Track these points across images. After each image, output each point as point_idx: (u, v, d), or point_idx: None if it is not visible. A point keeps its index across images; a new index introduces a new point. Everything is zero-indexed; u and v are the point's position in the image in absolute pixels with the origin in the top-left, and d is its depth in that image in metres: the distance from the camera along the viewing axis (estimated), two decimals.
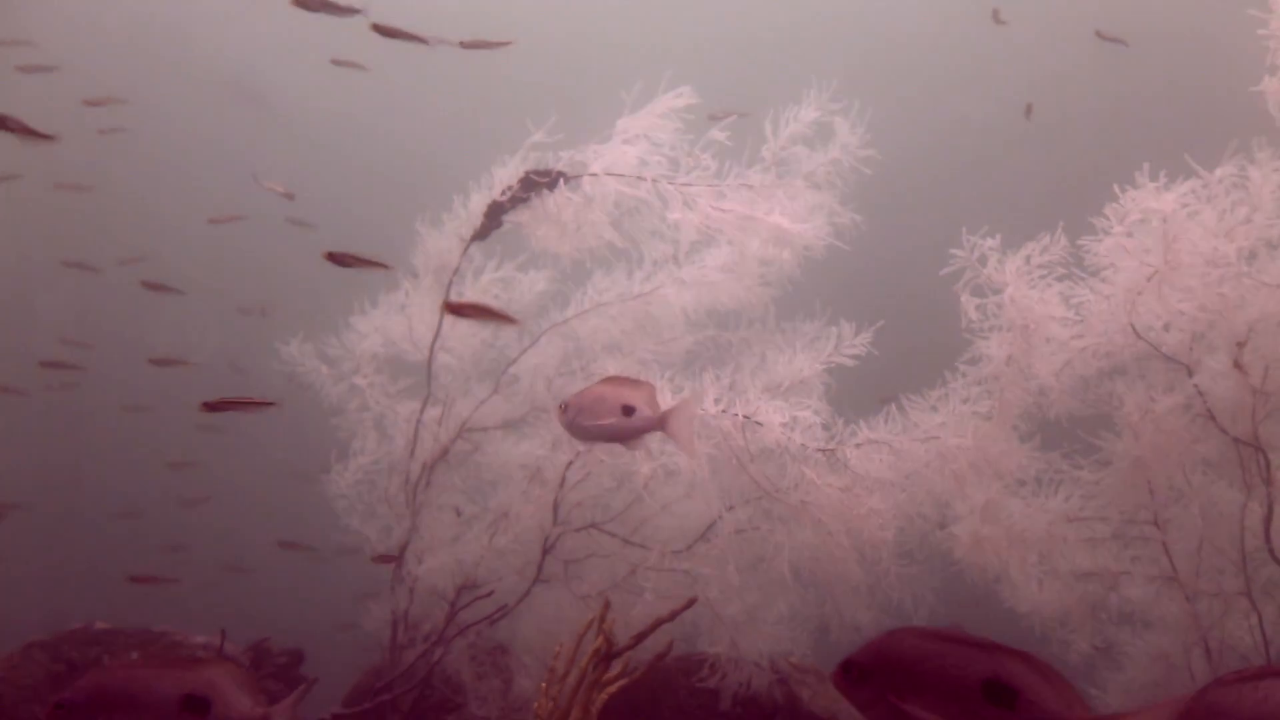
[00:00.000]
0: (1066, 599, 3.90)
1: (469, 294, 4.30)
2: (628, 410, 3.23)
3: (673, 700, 4.01)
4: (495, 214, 4.09)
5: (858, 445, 3.68)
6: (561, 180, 3.99)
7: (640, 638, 3.42)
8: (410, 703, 4.18)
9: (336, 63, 7.31)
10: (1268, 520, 3.67)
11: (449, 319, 4.30)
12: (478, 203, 4.15)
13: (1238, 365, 3.62)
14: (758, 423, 3.63)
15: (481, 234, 4.16)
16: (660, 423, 3.26)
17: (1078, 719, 1.94)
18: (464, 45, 4.74)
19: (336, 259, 3.30)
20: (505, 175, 4.09)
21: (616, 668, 3.39)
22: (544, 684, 3.40)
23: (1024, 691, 1.95)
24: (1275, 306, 3.52)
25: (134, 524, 9.13)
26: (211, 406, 2.90)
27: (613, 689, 3.33)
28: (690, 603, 3.45)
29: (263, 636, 4.27)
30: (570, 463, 4.00)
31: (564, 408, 3.30)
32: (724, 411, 3.67)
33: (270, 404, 2.93)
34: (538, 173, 4.01)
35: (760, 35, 11.46)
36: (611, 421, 3.23)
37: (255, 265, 12.24)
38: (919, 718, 1.98)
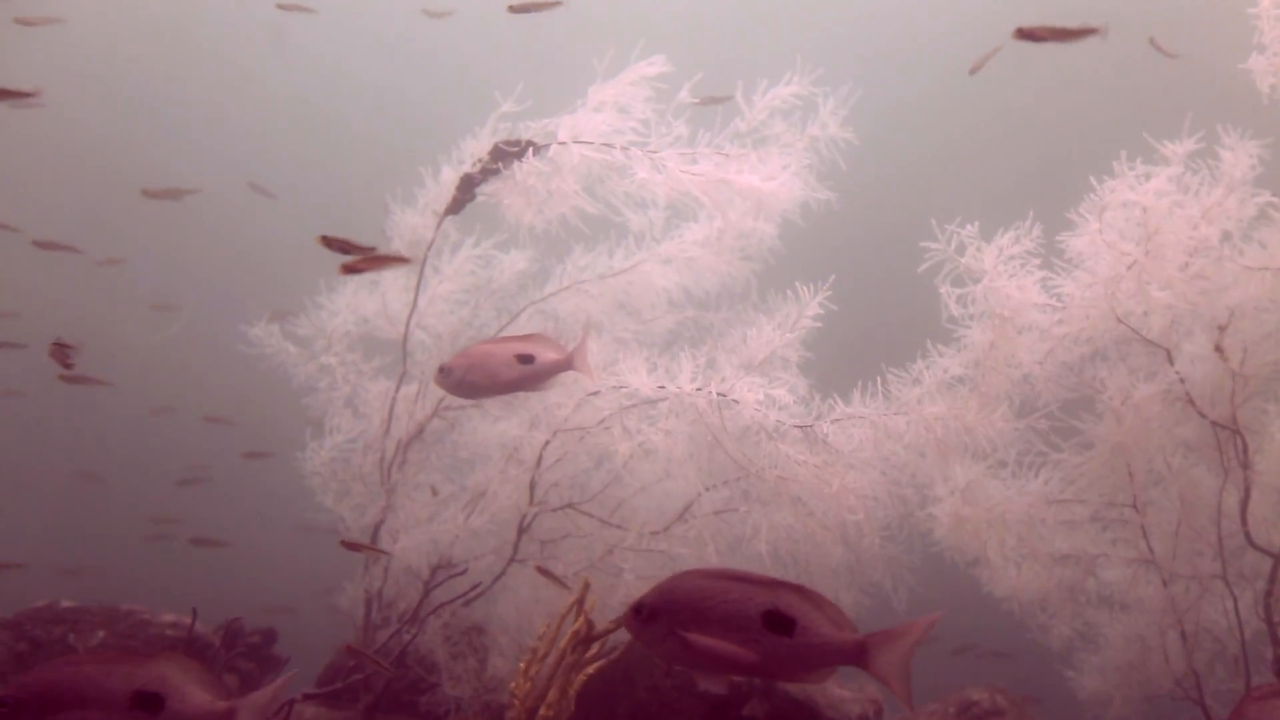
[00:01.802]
0: (1045, 582, 3.89)
1: (446, 271, 4.23)
2: (525, 359, 3.41)
3: (648, 680, 3.99)
4: (467, 187, 4.01)
5: (834, 420, 3.64)
6: (531, 150, 3.92)
7: (620, 622, 3.39)
8: (383, 682, 4.13)
9: (282, 6, 7.13)
10: (1244, 504, 3.68)
11: (426, 295, 4.23)
12: (449, 176, 4.08)
13: (1218, 349, 3.61)
14: (734, 400, 3.59)
15: (454, 208, 4.08)
16: (569, 363, 3.50)
17: (845, 638, 2.21)
18: (512, 9, 4.67)
19: (330, 243, 3.19)
20: (476, 147, 4.01)
21: (593, 649, 3.37)
22: (523, 665, 3.38)
23: (799, 618, 2.21)
24: (1255, 290, 3.51)
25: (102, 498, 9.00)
26: None
27: (590, 670, 3.31)
28: None
29: (234, 616, 4.21)
30: (547, 442, 3.95)
31: (446, 370, 3.43)
32: (699, 390, 3.62)
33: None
34: (508, 143, 3.93)
35: (747, 7, 11.34)
36: (517, 374, 3.42)
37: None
38: (702, 646, 2.20)
